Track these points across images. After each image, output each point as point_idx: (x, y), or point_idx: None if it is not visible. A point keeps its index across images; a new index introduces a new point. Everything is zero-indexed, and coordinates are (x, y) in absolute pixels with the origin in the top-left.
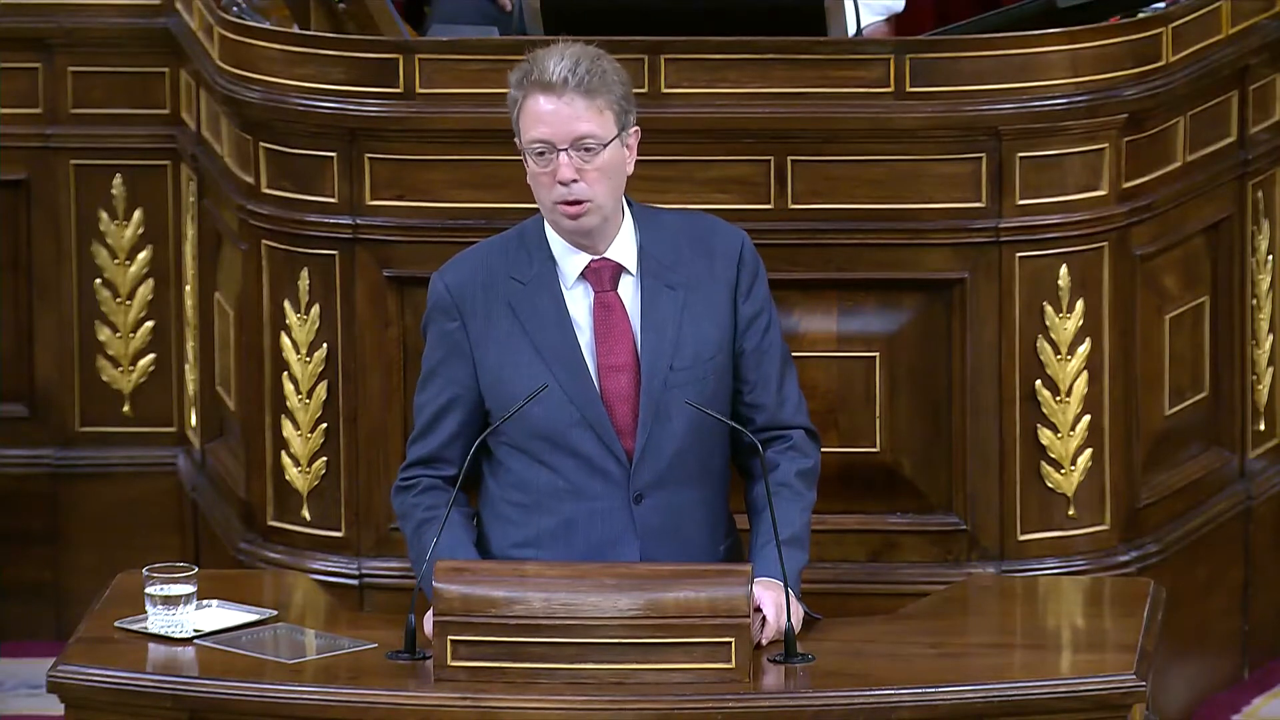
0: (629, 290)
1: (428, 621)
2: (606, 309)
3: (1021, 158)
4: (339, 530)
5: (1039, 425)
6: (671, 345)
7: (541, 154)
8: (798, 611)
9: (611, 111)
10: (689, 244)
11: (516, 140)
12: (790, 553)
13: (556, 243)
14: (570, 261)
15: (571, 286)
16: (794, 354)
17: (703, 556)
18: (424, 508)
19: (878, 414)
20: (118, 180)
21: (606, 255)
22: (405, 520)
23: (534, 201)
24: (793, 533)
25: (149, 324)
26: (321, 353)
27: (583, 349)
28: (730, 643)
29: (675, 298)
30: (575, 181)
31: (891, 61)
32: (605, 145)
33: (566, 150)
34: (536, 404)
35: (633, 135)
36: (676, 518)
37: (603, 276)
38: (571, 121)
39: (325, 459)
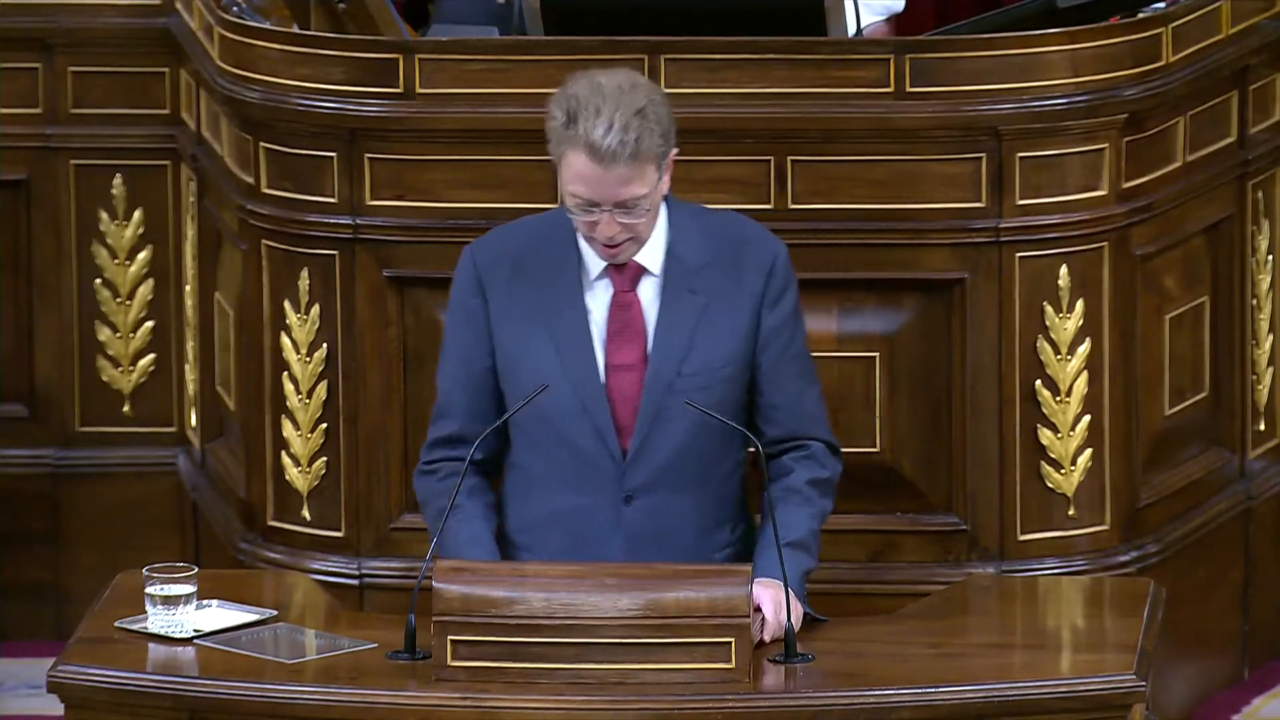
0: (650, 291)
1: None
2: (623, 309)
3: (1021, 158)
4: (339, 530)
5: (1039, 425)
6: (683, 350)
7: (581, 204)
8: (797, 611)
9: (654, 163)
10: (721, 251)
11: (552, 159)
12: (794, 555)
13: (581, 238)
14: (594, 257)
15: (594, 280)
16: None
17: (692, 557)
18: (446, 495)
19: (878, 414)
20: (118, 180)
21: (633, 256)
22: (426, 507)
23: (532, 202)
24: (798, 536)
25: (149, 324)
26: (321, 353)
27: (595, 343)
28: (730, 643)
29: (696, 303)
30: (614, 234)
31: (891, 61)
32: (646, 198)
33: (610, 210)
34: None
35: (671, 158)
36: (666, 522)
37: (624, 276)
38: (617, 187)
39: (325, 459)
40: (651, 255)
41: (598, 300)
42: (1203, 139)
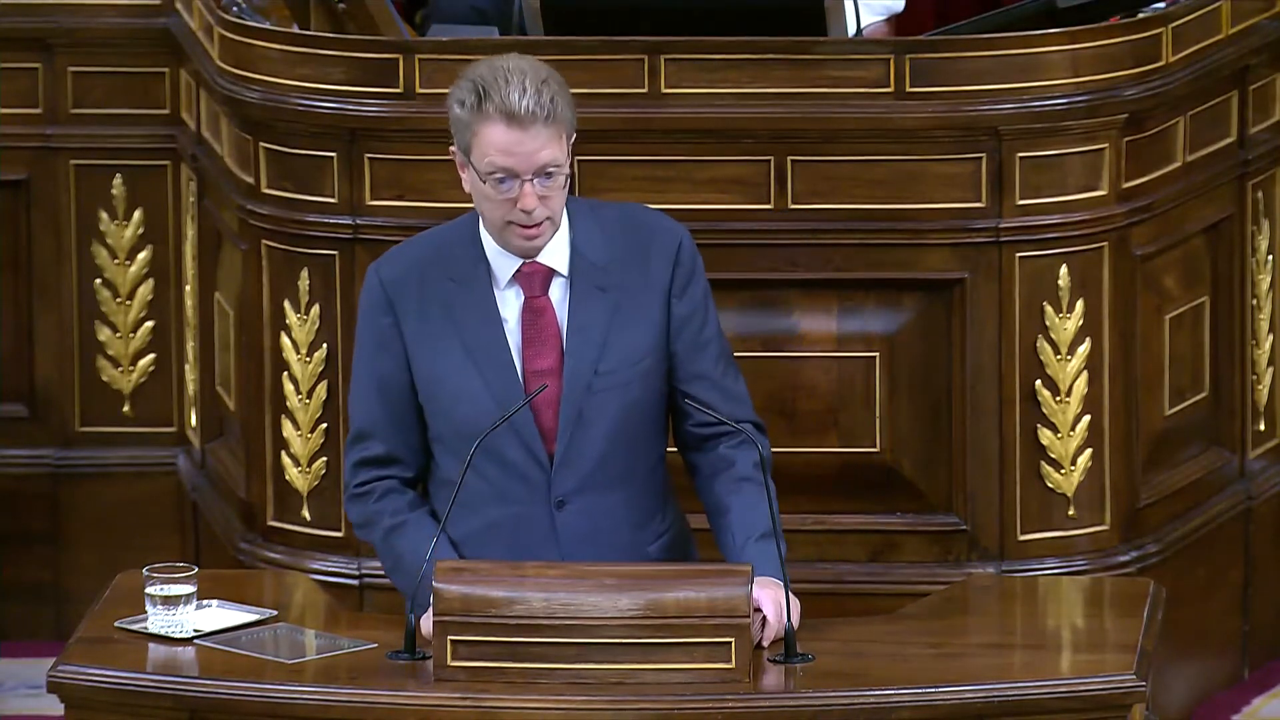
0: (559, 293)
1: (426, 621)
2: (535, 313)
3: (1021, 158)
4: (339, 530)
5: (1039, 425)
6: (597, 349)
7: (502, 180)
8: (797, 609)
9: (565, 134)
10: (625, 244)
11: (459, 154)
12: (767, 547)
13: (490, 244)
14: (503, 264)
15: (504, 288)
16: (794, 354)
17: (629, 553)
18: (389, 513)
19: (878, 414)
20: (118, 180)
21: (538, 260)
22: (369, 529)
23: None
24: (767, 527)
25: (149, 324)
26: (321, 353)
27: (511, 351)
28: (730, 643)
29: (606, 300)
30: (536, 208)
31: (891, 61)
32: (563, 167)
33: (530, 180)
34: (463, 404)
35: (572, 143)
36: (599, 522)
37: (534, 281)
38: (537, 152)
39: (325, 459)
40: (558, 256)
41: (510, 308)
42: (1203, 139)
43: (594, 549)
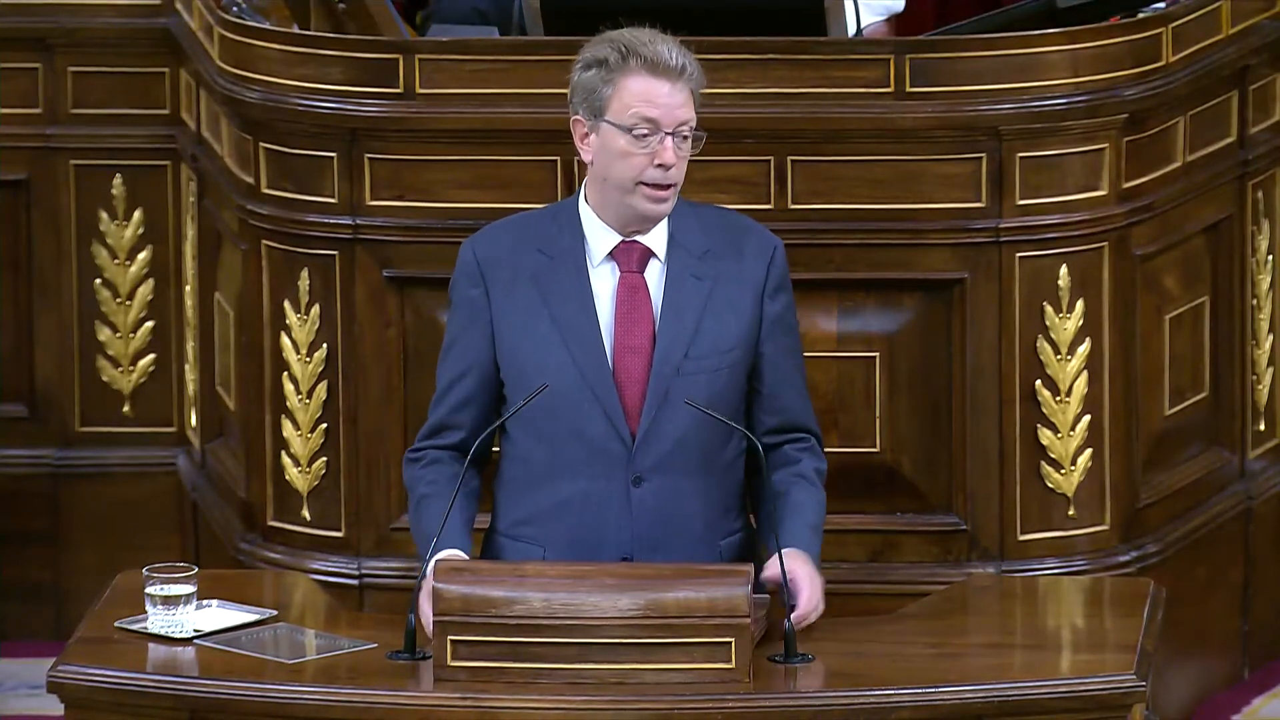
0: (654, 275)
1: (425, 601)
2: (631, 290)
3: (1021, 158)
4: (339, 530)
5: (1039, 425)
6: (690, 333)
7: (645, 135)
8: (820, 597)
9: (698, 100)
10: (722, 239)
11: (584, 121)
12: (814, 537)
13: (589, 219)
14: (600, 239)
15: (598, 264)
16: None
17: (699, 546)
18: (426, 481)
19: (878, 414)
20: (118, 180)
21: (639, 239)
22: (410, 493)
23: (532, 202)
24: (814, 521)
25: (149, 324)
26: (321, 353)
27: (601, 327)
28: (730, 643)
29: (700, 288)
30: (673, 166)
31: (891, 61)
32: (696, 132)
33: (672, 134)
34: (548, 377)
35: None
36: (673, 504)
37: (631, 257)
38: (680, 109)
39: (325, 459)
40: (656, 239)
41: (603, 283)
42: (1203, 139)
43: (666, 531)
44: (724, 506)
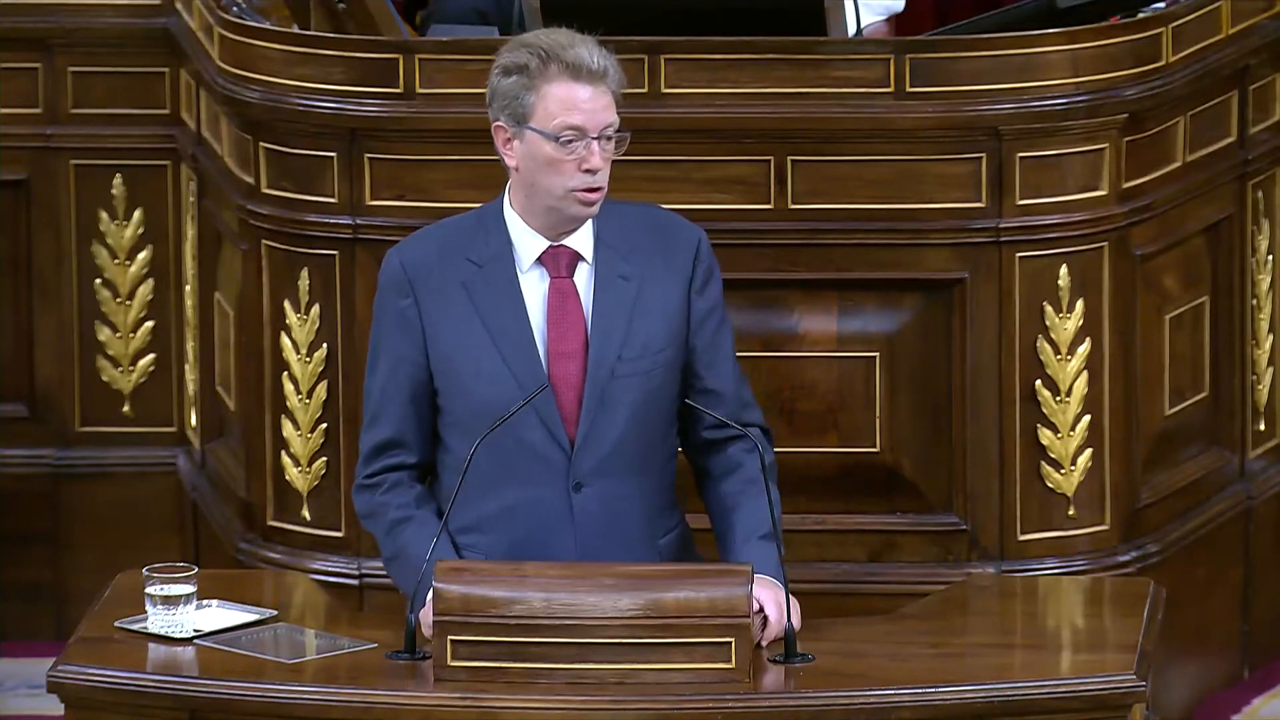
0: (583, 278)
1: (426, 615)
2: (562, 295)
3: (1021, 158)
4: (339, 530)
5: (1039, 425)
6: (622, 335)
7: (571, 141)
8: (797, 612)
9: (619, 100)
10: (645, 236)
11: (507, 126)
12: (770, 547)
13: (515, 226)
14: (528, 245)
15: (527, 270)
16: (794, 354)
17: (640, 548)
18: (395, 506)
19: (878, 414)
20: (118, 180)
21: (565, 242)
22: (373, 520)
23: None
24: (768, 529)
25: (149, 324)
26: (321, 353)
27: (534, 333)
28: (730, 643)
29: (628, 288)
30: (600, 170)
31: (891, 61)
32: (617, 136)
33: (598, 139)
34: (484, 384)
35: None
36: (615, 507)
37: (560, 262)
38: (604, 111)
39: (325, 459)
40: (584, 241)
41: (533, 289)
42: (1203, 139)
43: (609, 534)
44: (660, 505)
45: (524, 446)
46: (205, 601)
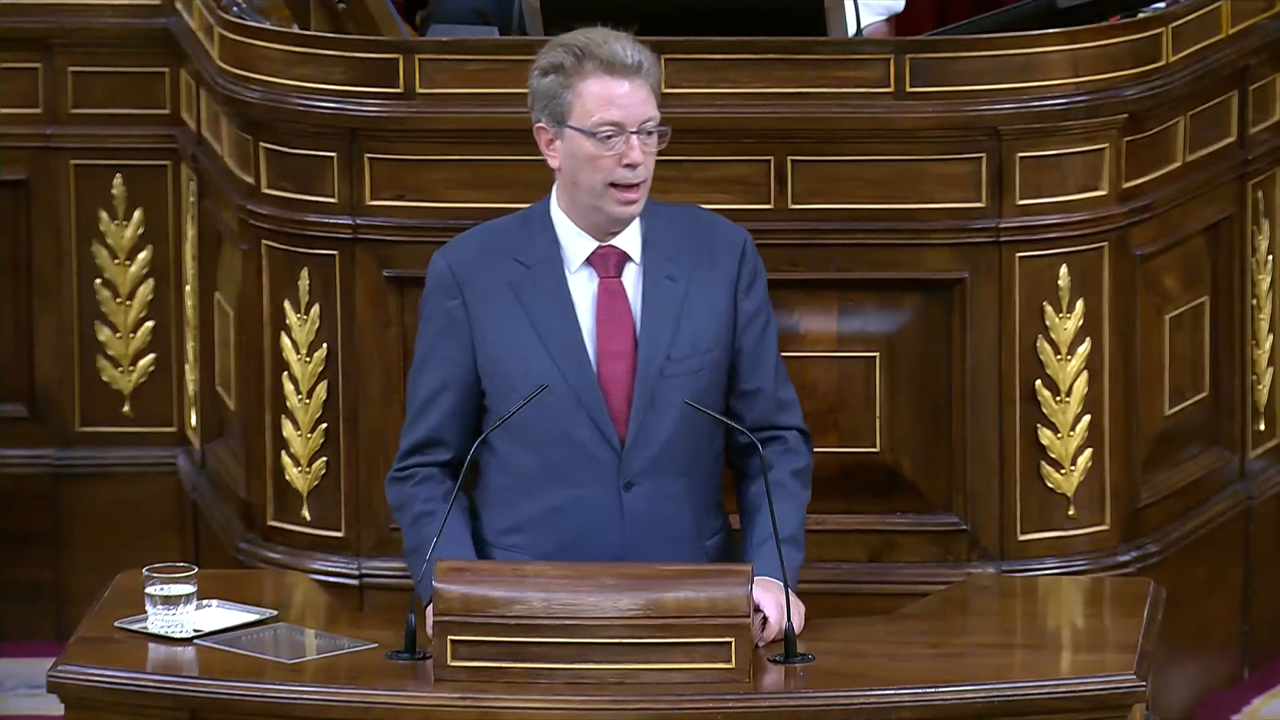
0: (631, 278)
1: (430, 616)
2: (611, 295)
3: (1021, 158)
4: (339, 530)
5: (1039, 425)
6: (670, 335)
7: (610, 137)
8: (799, 611)
9: (658, 94)
10: (691, 237)
11: (547, 127)
12: (788, 551)
13: (563, 226)
14: (576, 246)
15: (575, 271)
16: (794, 354)
17: (688, 547)
18: (422, 499)
19: (878, 414)
20: (118, 180)
21: (613, 243)
22: (402, 512)
23: (533, 202)
24: (790, 532)
25: (149, 324)
26: (321, 353)
27: (583, 333)
28: (730, 643)
29: (676, 289)
30: (640, 165)
31: (891, 61)
32: (660, 127)
33: (637, 133)
34: (532, 384)
35: None
36: (664, 506)
37: (608, 263)
38: (642, 105)
39: (325, 459)
40: (632, 241)
41: (581, 290)
42: (1203, 139)
43: (657, 534)
44: (707, 506)
45: (573, 446)
46: (205, 601)
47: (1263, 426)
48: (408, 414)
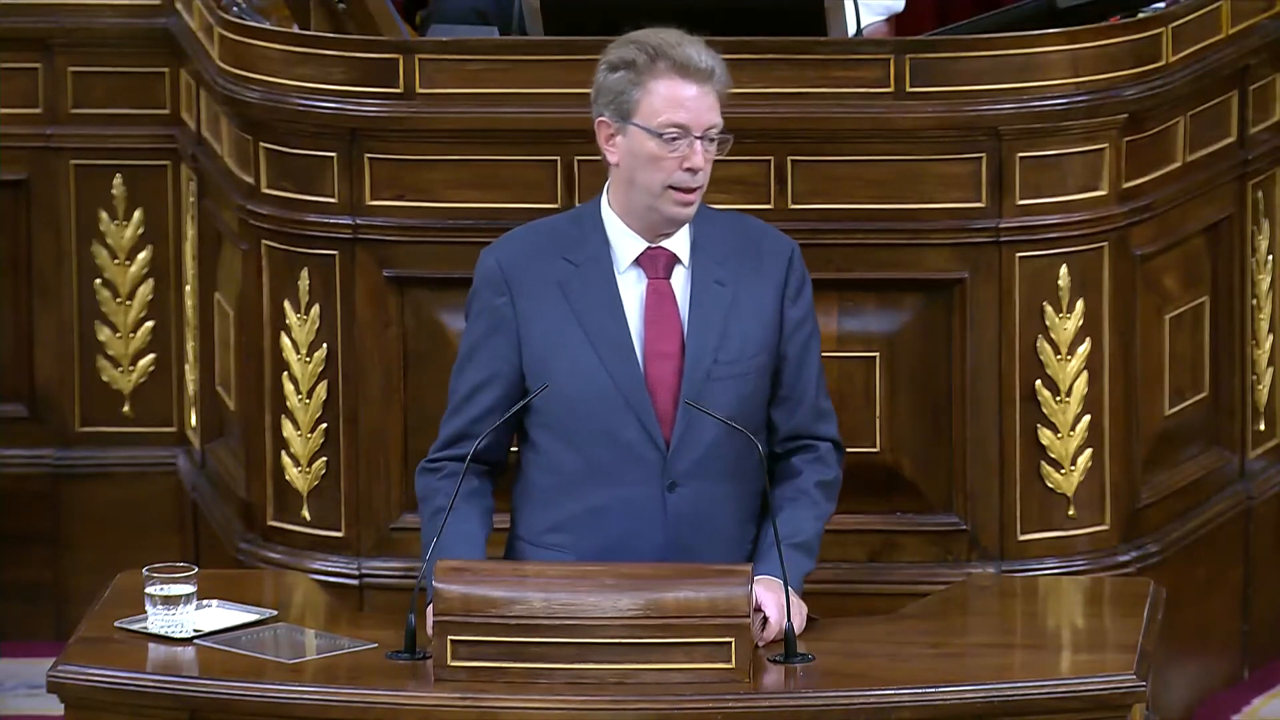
0: (680, 281)
1: (430, 613)
2: (659, 296)
3: (1021, 158)
4: (339, 530)
5: (1039, 425)
6: (718, 338)
7: (674, 139)
8: (802, 611)
9: (723, 102)
10: (740, 243)
11: (611, 122)
12: (796, 556)
13: (614, 226)
14: (626, 246)
15: (624, 271)
16: None
17: (732, 547)
18: (444, 494)
19: (878, 414)
20: (118, 180)
21: (663, 245)
22: (424, 503)
23: (533, 202)
24: (803, 539)
25: (149, 324)
26: (321, 353)
27: (631, 333)
28: (730, 643)
29: (724, 293)
30: (701, 170)
31: (891, 61)
32: (719, 137)
33: (701, 138)
34: (579, 383)
35: None
36: (708, 508)
37: (658, 264)
38: (708, 111)
39: (325, 459)
40: (681, 244)
41: (630, 290)
42: (1203, 139)
43: (701, 535)
44: (751, 512)
45: (619, 446)
46: (205, 601)
47: (1263, 426)
48: (448, 407)
